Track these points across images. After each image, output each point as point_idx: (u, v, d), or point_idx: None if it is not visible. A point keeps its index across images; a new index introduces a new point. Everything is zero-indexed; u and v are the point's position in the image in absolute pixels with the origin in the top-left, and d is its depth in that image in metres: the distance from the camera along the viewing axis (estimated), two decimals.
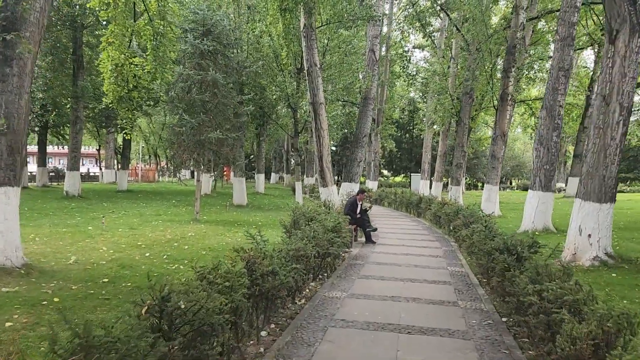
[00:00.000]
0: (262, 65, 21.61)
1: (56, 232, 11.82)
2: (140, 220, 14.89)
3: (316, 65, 17.32)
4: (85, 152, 56.26)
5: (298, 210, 11.02)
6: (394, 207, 23.91)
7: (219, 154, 15.44)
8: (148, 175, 45.76)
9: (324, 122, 17.46)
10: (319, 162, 17.48)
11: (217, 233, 12.84)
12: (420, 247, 11.45)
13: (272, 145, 50.71)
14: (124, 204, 20.39)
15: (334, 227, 9.05)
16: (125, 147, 28.97)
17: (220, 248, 10.53)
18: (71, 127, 22.39)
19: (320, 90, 17.39)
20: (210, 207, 20.67)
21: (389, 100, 37.41)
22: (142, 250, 9.94)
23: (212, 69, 14.70)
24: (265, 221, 16.46)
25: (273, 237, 12.53)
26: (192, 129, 14.64)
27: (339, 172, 47.63)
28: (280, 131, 34.29)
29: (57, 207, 17.79)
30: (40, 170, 30.05)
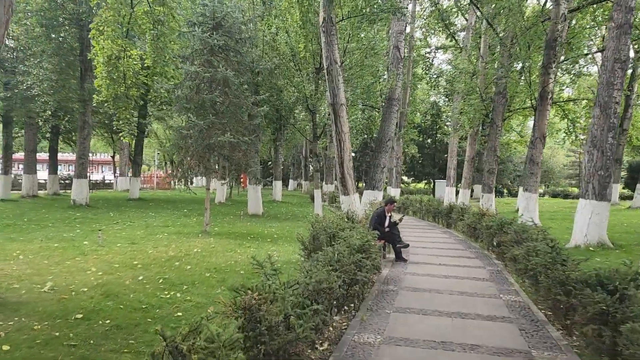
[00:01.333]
0: (279, 65, 20.25)
1: (46, 248, 10.50)
2: (144, 233, 13.54)
3: (336, 63, 15.83)
4: (101, 159, 55.65)
5: (318, 224, 9.51)
6: (420, 216, 22.24)
7: (231, 160, 14.03)
8: (163, 182, 44.74)
9: (344, 125, 15.94)
10: (339, 168, 15.93)
11: (226, 249, 11.39)
12: (460, 266, 9.83)
13: (290, 150, 49.42)
14: (131, 214, 19.12)
15: (362, 246, 7.51)
16: (137, 154, 27.83)
17: (227, 268, 9.06)
18: (79, 132, 21.27)
19: (341, 90, 15.89)
20: (223, 217, 19.28)
21: (411, 103, 35.78)
22: (136, 271, 8.52)
23: (222, 66, 13.31)
24: (281, 233, 14.98)
25: (289, 253, 11.07)
26: (200, 132, 13.26)
27: (359, 178, 46.02)
28: (298, 136, 32.93)
29: (60, 218, 16.57)
30: (51, 177, 29.09)
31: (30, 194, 26.08)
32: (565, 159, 67.52)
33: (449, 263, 10.09)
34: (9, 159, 24.30)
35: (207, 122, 13.14)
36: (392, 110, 19.43)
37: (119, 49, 8.96)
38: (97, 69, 9.35)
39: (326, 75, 16.11)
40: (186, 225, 16.20)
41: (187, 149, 13.60)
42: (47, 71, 19.90)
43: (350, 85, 21.90)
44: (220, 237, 13.32)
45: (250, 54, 14.81)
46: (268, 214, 21.35)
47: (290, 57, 20.19)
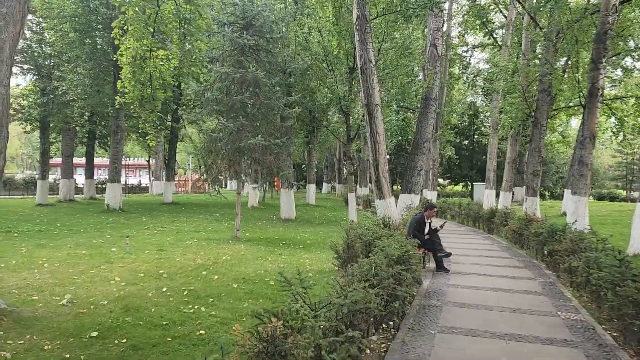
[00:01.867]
0: (311, 66, 19.74)
1: (73, 255, 10.23)
2: (174, 239, 13.20)
3: (371, 62, 15.18)
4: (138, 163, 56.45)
5: (353, 231, 8.90)
6: (459, 221, 21.29)
7: (262, 163, 13.55)
8: (198, 186, 44.89)
9: (379, 126, 15.25)
10: (374, 171, 15.24)
11: (257, 256, 10.89)
12: (508, 277, 9.02)
13: (324, 153, 48.88)
14: (163, 219, 18.92)
15: (401, 256, 6.86)
16: (171, 158, 27.80)
17: (256, 278, 8.53)
18: (112, 136, 21.28)
19: (376, 90, 15.22)
20: (255, 222, 18.86)
21: (448, 103, 34.73)
22: (161, 281, 8.09)
23: (252, 66, 12.86)
24: (314, 239, 14.41)
25: (322, 261, 10.48)
26: (230, 135, 12.84)
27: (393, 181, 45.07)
28: (332, 138, 32.31)
29: (92, 223, 16.47)
30: (88, 182, 29.40)
31: (67, 198, 26.35)
32: (611, 160, 64.72)
33: (495, 273, 9.29)
34: (46, 163, 24.58)
35: (237, 125, 12.70)
36: (429, 111, 18.65)
37: (144, 49, 8.58)
38: (122, 70, 9.01)
39: (360, 75, 15.47)
40: (217, 230, 15.84)
41: (217, 152, 13.21)
42: (81, 76, 19.96)
43: (385, 85, 21.21)
44: (251, 244, 12.85)
45: (282, 53, 14.32)
46: (301, 219, 20.84)
47: (323, 57, 19.65)
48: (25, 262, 9.35)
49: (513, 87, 21.03)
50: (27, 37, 23.04)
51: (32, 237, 12.72)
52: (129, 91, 9.06)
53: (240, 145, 12.71)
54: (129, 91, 9.06)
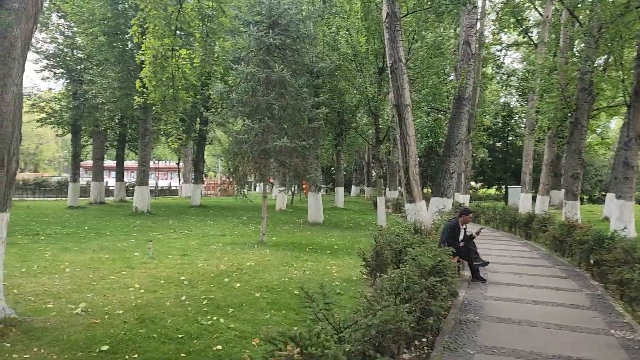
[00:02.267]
0: (339, 66, 19.31)
1: (96, 260, 10.03)
2: (199, 243, 12.93)
3: (401, 61, 14.64)
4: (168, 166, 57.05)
5: (382, 238, 8.40)
6: (493, 225, 20.46)
7: (288, 166, 13.17)
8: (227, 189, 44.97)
9: (410, 127, 14.69)
10: (404, 174, 14.67)
11: (282, 262, 10.48)
12: (551, 288, 8.35)
13: (353, 156, 48.35)
14: (190, 222, 18.77)
15: (435, 266, 6.33)
16: (198, 160, 27.76)
17: (280, 287, 8.11)
18: (140, 139, 21.32)
19: (406, 90, 14.66)
20: (282, 226, 18.50)
21: (481, 104, 33.75)
22: (181, 289, 7.76)
23: (278, 65, 12.50)
24: (341, 244, 13.94)
25: (349, 268, 10.00)
26: (255, 137, 12.51)
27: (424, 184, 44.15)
28: (361, 140, 31.83)
29: (119, 226, 16.40)
30: (118, 185, 29.68)
31: (98, 200, 26.61)
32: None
33: (537, 284, 8.63)
34: (77, 166, 24.86)
35: (263, 126, 12.36)
36: (462, 111, 17.95)
37: (165, 47, 8.30)
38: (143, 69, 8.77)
39: (390, 75, 14.95)
40: (243, 234, 15.54)
41: (242, 154, 12.89)
42: (110, 79, 20.02)
43: (415, 86, 20.61)
44: (277, 249, 12.47)
45: (309, 53, 13.92)
46: (329, 222, 20.39)
47: (351, 57, 19.19)
48: (47, 266, 9.18)
49: (551, 86, 20.11)
50: (60, 41, 23.34)
51: (59, 240, 12.64)
52: (150, 91, 8.80)
53: (266, 147, 12.36)
54: (150, 91, 8.80)
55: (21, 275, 8.37)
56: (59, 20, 23.47)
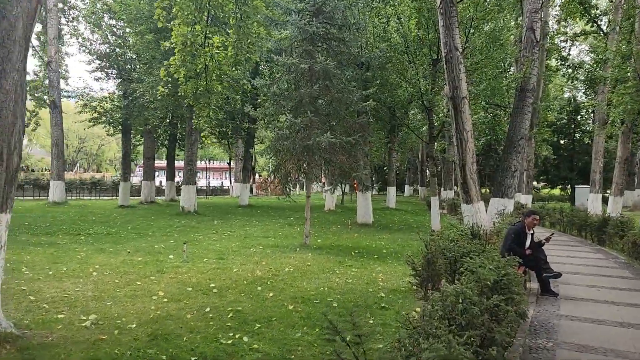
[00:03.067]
0: (390, 58, 18.23)
1: (128, 262, 9.51)
2: (239, 246, 12.25)
3: (457, 50, 13.41)
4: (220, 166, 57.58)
5: (434, 244, 7.33)
6: (560, 229, 18.73)
7: (333, 163, 12.28)
8: (278, 188, 44.63)
9: (467, 122, 13.42)
10: (460, 172, 13.41)
11: (323, 268, 9.59)
12: (638, 306, 7.00)
13: (406, 154, 46.89)
14: (235, 222, 18.23)
15: (498, 282, 5.24)
16: (247, 159, 27.38)
17: (318, 297, 7.22)
18: (186, 138, 21.07)
19: (463, 81, 13.41)
20: (329, 227, 17.62)
21: (544, 98, 31.56)
22: (208, 298, 7.02)
23: (322, 55, 11.62)
24: (390, 247, 12.91)
25: (398, 276, 8.95)
26: (298, 132, 11.69)
27: (482, 183, 42.03)
28: (414, 138, 30.46)
29: (163, 226, 16.05)
30: (168, 184, 29.80)
31: (149, 200, 26.73)
32: None
33: (620, 300, 7.29)
34: (127, 166, 25.02)
35: (306, 121, 11.51)
36: (526, 104, 16.39)
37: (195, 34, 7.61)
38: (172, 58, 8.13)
39: (444, 65, 13.75)
40: (287, 236, 14.79)
41: (284, 151, 12.11)
42: (156, 78, 19.83)
43: (472, 79, 19.19)
44: (321, 252, 11.59)
45: (355, 42, 12.95)
46: (379, 223, 19.34)
47: (403, 48, 18.05)
48: (76, 269, 8.72)
49: (626, 75, 18.16)
50: (111, 41, 23.53)
51: (98, 241, 12.32)
52: (180, 82, 8.16)
53: (309, 144, 11.50)
54: (180, 82, 8.16)
55: (46, 278, 7.91)
56: (110, 21, 23.69)
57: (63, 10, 26.18)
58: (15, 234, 12.94)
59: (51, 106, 24.01)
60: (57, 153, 24.16)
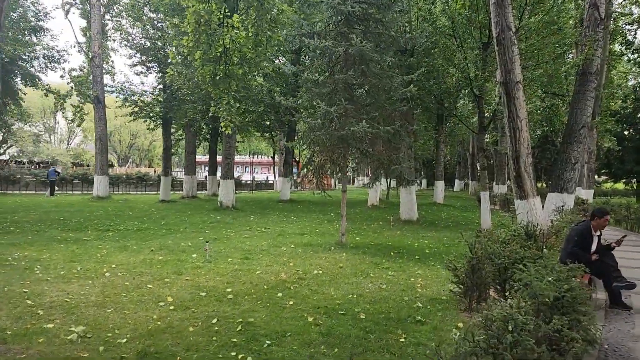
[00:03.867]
0: (436, 42, 16.98)
1: (147, 262, 8.91)
2: (270, 244, 11.49)
3: (510, 30, 12.13)
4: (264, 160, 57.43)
5: (480, 247, 6.25)
6: (626, 227, 16.96)
7: (370, 155, 11.29)
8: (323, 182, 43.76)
9: (521, 109, 12.10)
10: (513, 165, 12.11)
11: (356, 271, 8.65)
12: None
13: (455, 147, 45.02)
14: (272, 218, 17.54)
15: (560, 299, 4.16)
16: (287, 153, 26.70)
17: (343, 307, 6.29)
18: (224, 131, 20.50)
19: (516, 65, 12.12)
20: (370, 224, 16.63)
21: (607, 85, 29.14)
22: (220, 306, 6.23)
23: (357, 37, 10.61)
24: (434, 247, 11.80)
25: (440, 281, 7.87)
26: (331, 122, 10.77)
27: (538, 177, 39.65)
28: (463, 129, 28.86)
29: (196, 222, 15.55)
30: (210, 179, 29.59)
31: (190, 194, 26.54)
32: None
33: None
34: (168, 160, 24.87)
35: (340, 109, 10.56)
36: (588, 89, 14.83)
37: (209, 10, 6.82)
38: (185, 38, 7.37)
39: (496, 47, 12.46)
40: (324, 233, 13.94)
41: (317, 142, 11.22)
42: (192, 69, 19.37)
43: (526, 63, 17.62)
44: (356, 252, 10.65)
45: (395, 22, 11.84)
46: (424, 220, 18.15)
47: (450, 31, 16.75)
48: (90, 269, 8.18)
49: None
50: (151, 35, 23.35)
51: (124, 237, 11.86)
52: (197, 66, 7.41)
53: (343, 134, 10.55)
54: (197, 66, 7.41)
55: (55, 279, 7.37)
56: (150, 14, 23.51)
57: (107, 5, 26.32)
58: (46, 229, 12.74)
59: (95, 101, 24.15)
60: (100, 148, 24.31)
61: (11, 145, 58.24)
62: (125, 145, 78.00)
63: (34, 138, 61.51)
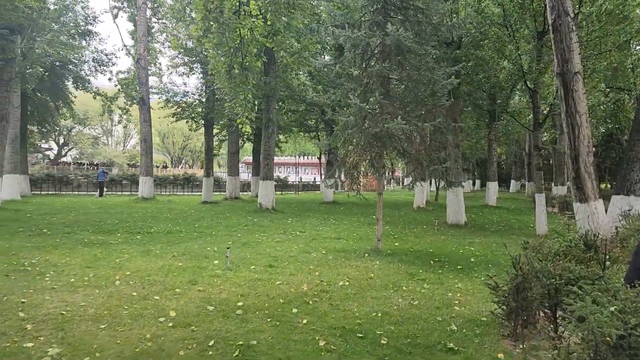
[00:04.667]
0: (487, 32, 15.78)
1: (165, 269, 8.40)
2: (301, 249, 10.77)
3: (567, 15, 10.92)
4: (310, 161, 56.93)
5: (528, 262, 5.26)
6: None
7: (408, 154, 10.36)
8: (372, 183, 42.75)
9: (580, 102, 10.82)
10: (572, 164, 10.82)
11: (387, 282, 7.77)
12: None
13: (511, 146, 42.86)
14: (310, 221, 16.85)
15: (624, 337, 3.19)
16: (331, 153, 25.95)
17: (363, 329, 5.46)
18: (263, 130, 20.06)
19: (575, 54, 10.86)
20: (414, 228, 15.62)
21: None
22: (223, 323, 5.56)
23: (393, 25, 9.72)
24: (481, 255, 10.71)
25: (482, 297, 6.87)
26: (364, 119, 9.93)
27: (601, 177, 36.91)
28: (518, 127, 27.12)
29: (230, 225, 15.07)
30: (253, 180, 29.31)
31: (233, 196, 26.31)
32: None
33: None
34: (210, 161, 24.71)
35: (374, 104, 9.70)
36: None
37: None
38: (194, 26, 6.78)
39: (552, 34, 11.22)
40: (362, 237, 13.09)
41: (350, 141, 10.42)
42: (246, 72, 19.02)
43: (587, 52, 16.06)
44: (392, 260, 9.75)
45: (438, 10, 10.81)
46: (473, 224, 16.93)
47: (501, 20, 15.50)
48: (102, 276, 7.73)
49: None
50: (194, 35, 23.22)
51: (152, 241, 11.47)
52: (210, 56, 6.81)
53: (377, 132, 9.68)
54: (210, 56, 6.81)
55: (61, 287, 6.94)
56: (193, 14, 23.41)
57: (153, 8, 26.52)
58: (77, 231, 12.57)
59: (140, 103, 24.33)
60: (145, 149, 24.47)
61: (71, 147, 60.77)
62: (179, 146, 79.73)
63: (92, 140, 63.90)
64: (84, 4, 26.32)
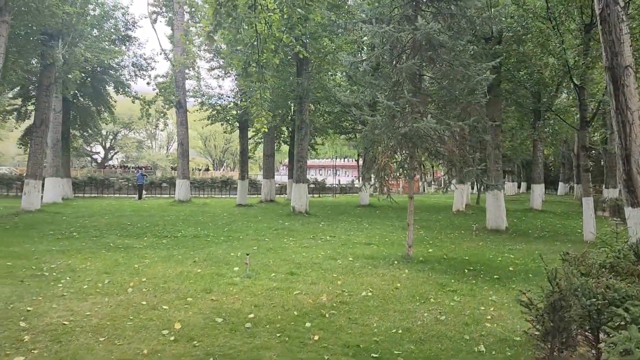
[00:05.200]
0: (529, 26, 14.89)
1: (183, 275, 8.12)
2: (328, 255, 10.31)
3: (616, 4, 9.97)
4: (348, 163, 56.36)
5: (566, 277, 4.61)
6: None
7: (441, 156, 9.74)
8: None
9: (632, 98, 9.84)
10: (622, 165, 9.87)
11: (415, 293, 7.21)
12: None
13: (559, 147, 40.98)
14: (343, 225, 16.37)
15: None
16: (365, 154, 25.35)
17: (381, 347, 4.95)
18: (296, 132, 19.73)
19: (625, 46, 9.86)
20: (451, 232, 14.88)
21: None
22: (229, 338, 5.17)
23: (423, 19, 9.15)
24: (521, 263, 9.95)
25: (517, 312, 6.21)
26: (393, 118, 9.39)
27: None
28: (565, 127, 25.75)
29: (260, 228, 14.77)
30: (289, 182, 29.04)
31: (268, 198, 26.14)
32: None
33: None
34: (244, 163, 24.60)
35: (403, 102, 9.16)
36: None
37: None
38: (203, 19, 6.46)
39: (599, 25, 10.26)
40: (394, 243, 12.51)
41: (378, 142, 9.90)
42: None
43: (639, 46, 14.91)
44: (422, 268, 9.15)
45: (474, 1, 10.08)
46: (515, 229, 16.00)
47: (544, 13, 14.58)
48: (117, 282, 7.51)
49: None
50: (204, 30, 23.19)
51: (176, 245, 11.27)
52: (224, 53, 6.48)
53: (406, 132, 9.12)
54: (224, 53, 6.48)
55: (72, 294, 6.75)
56: None
57: (191, 13, 26.69)
58: (105, 235, 12.56)
59: (176, 106, 24.50)
60: (182, 152, 24.63)
61: (117, 151, 62.55)
62: (220, 149, 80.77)
63: (137, 144, 65.53)
64: (124, 10, 26.80)
